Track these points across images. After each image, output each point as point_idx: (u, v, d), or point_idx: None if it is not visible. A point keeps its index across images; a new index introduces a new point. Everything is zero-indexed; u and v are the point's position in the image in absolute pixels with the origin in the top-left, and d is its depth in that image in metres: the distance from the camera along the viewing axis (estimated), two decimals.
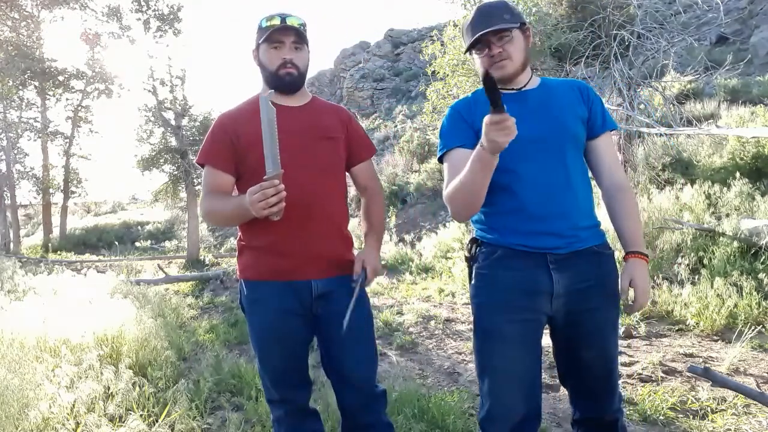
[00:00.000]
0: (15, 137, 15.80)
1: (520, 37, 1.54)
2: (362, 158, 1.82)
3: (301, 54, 1.66)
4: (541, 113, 1.53)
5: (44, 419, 2.24)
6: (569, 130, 1.52)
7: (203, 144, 1.72)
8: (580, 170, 1.55)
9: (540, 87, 1.59)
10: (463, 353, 3.70)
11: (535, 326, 1.52)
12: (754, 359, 3.12)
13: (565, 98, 1.57)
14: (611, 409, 1.59)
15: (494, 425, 1.52)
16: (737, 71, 7.64)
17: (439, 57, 8.34)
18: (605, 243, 1.57)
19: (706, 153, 7.10)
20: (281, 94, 1.67)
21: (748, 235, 4.47)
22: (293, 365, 1.70)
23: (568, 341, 1.57)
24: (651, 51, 6.69)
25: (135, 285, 6.00)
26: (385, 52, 39.16)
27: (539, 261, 1.48)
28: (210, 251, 12.40)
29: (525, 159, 1.48)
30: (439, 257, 7.31)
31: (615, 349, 1.57)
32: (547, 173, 1.49)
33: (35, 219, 22.63)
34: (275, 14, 1.64)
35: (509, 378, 1.50)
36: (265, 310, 1.66)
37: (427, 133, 15.53)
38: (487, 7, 1.52)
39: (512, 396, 1.50)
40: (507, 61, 1.51)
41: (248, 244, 1.70)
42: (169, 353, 3.40)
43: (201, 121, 12.34)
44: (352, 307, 1.58)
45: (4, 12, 15.47)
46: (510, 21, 1.49)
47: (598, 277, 1.51)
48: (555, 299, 1.49)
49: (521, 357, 1.50)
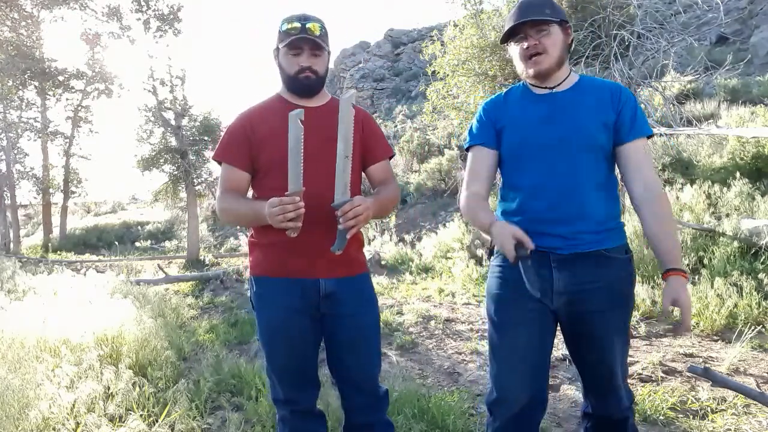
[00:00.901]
0: (15, 137, 15.79)
1: (559, 33, 1.54)
2: (378, 158, 1.81)
3: (320, 59, 1.66)
4: (561, 118, 1.54)
5: (44, 419, 2.24)
6: (586, 137, 1.52)
7: (220, 142, 1.74)
8: (595, 176, 1.53)
9: (572, 88, 1.58)
10: (463, 353, 3.70)
11: (540, 317, 1.56)
12: (754, 359, 3.12)
13: (592, 102, 1.55)
14: (618, 408, 1.61)
15: (500, 408, 1.60)
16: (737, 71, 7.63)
17: (439, 57, 8.33)
18: (618, 247, 1.55)
19: (706, 153, 7.10)
20: (299, 96, 1.69)
21: (748, 235, 4.48)
22: (300, 366, 1.70)
23: (574, 341, 1.62)
24: (651, 51, 6.69)
25: (135, 285, 6.00)
26: (385, 52, 39.17)
27: (543, 259, 1.52)
28: (210, 251, 12.40)
29: (534, 164, 1.55)
30: (439, 257, 7.31)
31: (620, 353, 1.57)
32: (553, 179, 1.52)
33: (35, 219, 22.63)
34: (295, 17, 1.63)
35: (513, 363, 1.56)
36: (272, 307, 1.66)
37: (427, 133, 15.53)
38: (529, 2, 1.55)
39: (516, 380, 1.56)
40: (543, 55, 1.52)
41: (259, 242, 1.71)
42: (169, 353, 3.40)
43: (201, 121, 12.35)
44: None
45: (4, 12, 15.46)
46: (550, 15, 1.51)
47: (605, 280, 1.51)
48: (556, 296, 1.53)
49: (525, 344, 1.55)
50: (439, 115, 9.70)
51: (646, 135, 1.53)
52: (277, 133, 1.62)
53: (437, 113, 9.26)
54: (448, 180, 12.55)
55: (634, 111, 1.54)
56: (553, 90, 1.58)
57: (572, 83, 1.59)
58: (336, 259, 1.61)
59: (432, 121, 9.69)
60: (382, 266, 7.54)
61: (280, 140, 1.59)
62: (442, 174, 12.97)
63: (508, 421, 1.59)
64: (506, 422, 1.59)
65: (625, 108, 1.53)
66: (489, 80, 7.83)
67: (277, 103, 1.72)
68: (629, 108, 1.53)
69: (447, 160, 13.20)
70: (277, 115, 1.67)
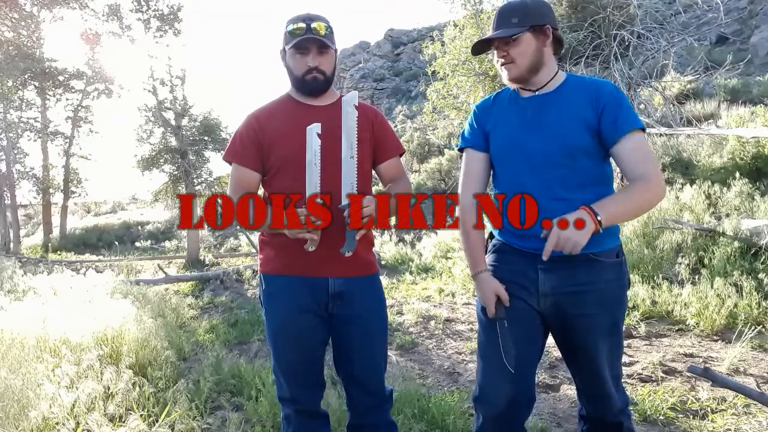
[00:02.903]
0: (15, 137, 15.79)
1: (530, 40, 1.52)
2: (388, 156, 1.81)
3: (327, 58, 1.66)
4: (541, 123, 1.53)
5: (44, 419, 2.24)
6: (565, 142, 1.49)
7: (230, 142, 1.74)
8: (579, 178, 1.49)
9: (557, 90, 1.57)
10: (463, 353, 3.70)
11: (527, 316, 1.55)
12: (754, 359, 3.12)
13: (574, 104, 1.52)
14: (610, 412, 1.60)
15: (483, 405, 1.60)
16: (737, 71, 7.64)
17: (439, 57, 8.34)
18: (608, 250, 1.52)
19: (706, 153, 7.10)
20: (307, 95, 1.70)
21: (748, 235, 4.48)
22: (307, 365, 1.70)
23: (563, 344, 1.62)
24: (651, 51, 6.70)
25: (135, 285, 6.00)
26: (385, 52, 39.19)
27: (529, 260, 1.53)
28: (210, 251, 12.40)
29: (517, 168, 1.56)
30: (439, 257, 7.31)
31: (608, 357, 1.54)
32: (535, 183, 1.51)
33: (35, 219, 22.62)
34: (300, 18, 1.63)
35: (496, 362, 1.53)
36: (281, 305, 1.67)
37: (427, 133, 15.54)
38: (502, 9, 1.57)
39: (497, 380, 1.55)
40: (510, 65, 1.54)
41: (269, 240, 1.71)
42: (169, 353, 3.40)
43: (201, 121, 12.35)
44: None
45: (4, 12, 15.46)
46: (517, 25, 1.51)
47: (594, 284, 1.50)
48: (542, 297, 1.54)
49: (510, 341, 1.52)
50: (439, 115, 9.71)
51: (632, 129, 1.45)
52: (286, 133, 1.64)
53: (437, 113, 9.28)
54: (448, 180, 12.57)
55: (617, 109, 1.47)
56: (536, 93, 1.58)
57: (558, 84, 1.58)
58: (345, 259, 1.61)
59: (432, 121, 9.70)
60: (382, 266, 7.54)
61: (290, 140, 1.61)
62: (442, 174, 12.99)
63: (491, 420, 1.59)
64: (488, 420, 1.59)
65: (607, 108, 1.48)
66: (489, 80, 7.84)
67: (287, 104, 1.73)
68: (611, 107, 1.48)
69: (447, 160, 13.22)
70: (287, 115, 1.68)
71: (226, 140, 12.33)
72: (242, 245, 12.35)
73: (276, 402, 2.32)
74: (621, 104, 1.48)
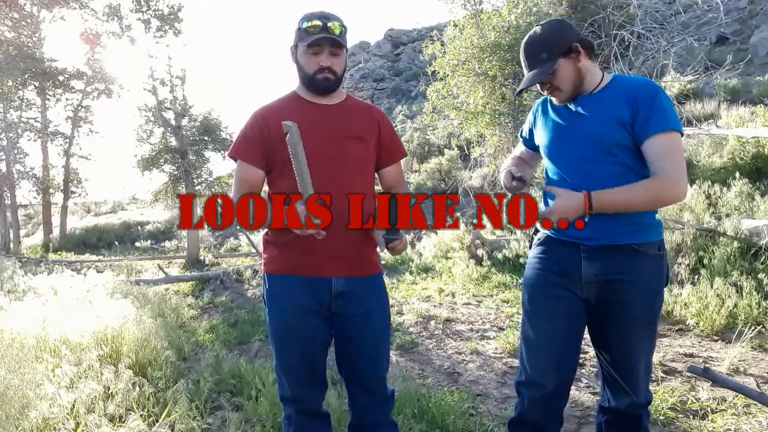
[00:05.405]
0: (15, 137, 15.79)
1: (566, 65, 1.60)
2: (392, 160, 1.81)
3: (339, 59, 1.65)
4: (582, 124, 1.62)
5: (44, 419, 2.24)
6: (602, 141, 1.57)
7: (236, 139, 1.73)
8: (615, 175, 1.54)
9: (601, 92, 1.63)
10: (463, 353, 3.70)
11: (569, 304, 1.63)
12: (754, 359, 3.12)
13: (611, 104, 1.58)
14: (633, 404, 1.64)
15: (528, 389, 1.69)
16: (737, 71, 7.64)
17: (439, 57, 8.33)
18: (651, 243, 1.59)
19: (706, 153, 7.10)
20: (316, 94, 1.69)
21: (748, 235, 4.48)
22: (309, 365, 1.69)
23: (602, 331, 1.68)
24: (651, 51, 6.70)
25: (135, 285, 6.00)
26: (385, 52, 39.17)
27: (573, 249, 1.62)
28: (210, 251, 12.39)
29: (561, 166, 1.67)
30: (439, 257, 7.30)
31: (645, 347, 1.62)
32: (576, 180, 1.59)
33: (35, 219, 22.62)
34: (315, 16, 1.60)
35: (542, 350, 1.66)
36: (283, 304, 1.66)
37: (427, 133, 15.54)
38: (528, 49, 1.64)
39: (544, 365, 1.66)
40: (557, 92, 1.65)
41: (273, 239, 1.70)
42: (169, 353, 3.39)
43: (201, 121, 12.34)
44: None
45: (4, 12, 15.46)
46: (548, 59, 1.58)
47: (633, 273, 1.57)
48: (585, 285, 1.61)
49: (553, 330, 1.64)
50: (439, 115, 9.70)
51: (664, 130, 1.49)
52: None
53: (437, 113, 9.27)
54: (448, 180, 12.56)
55: (651, 108, 1.51)
56: (582, 95, 1.66)
57: (604, 85, 1.64)
58: (349, 258, 1.61)
59: (432, 121, 9.70)
60: (382, 266, 7.54)
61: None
62: (442, 174, 12.98)
63: (536, 403, 1.67)
64: (533, 403, 1.67)
65: (642, 107, 1.52)
66: (489, 80, 7.83)
67: (294, 102, 1.71)
68: (645, 107, 1.52)
69: (447, 160, 13.21)
70: (293, 113, 1.66)
71: (226, 140, 12.34)
72: (242, 245, 12.35)
73: (276, 402, 2.32)
74: (654, 104, 1.52)
